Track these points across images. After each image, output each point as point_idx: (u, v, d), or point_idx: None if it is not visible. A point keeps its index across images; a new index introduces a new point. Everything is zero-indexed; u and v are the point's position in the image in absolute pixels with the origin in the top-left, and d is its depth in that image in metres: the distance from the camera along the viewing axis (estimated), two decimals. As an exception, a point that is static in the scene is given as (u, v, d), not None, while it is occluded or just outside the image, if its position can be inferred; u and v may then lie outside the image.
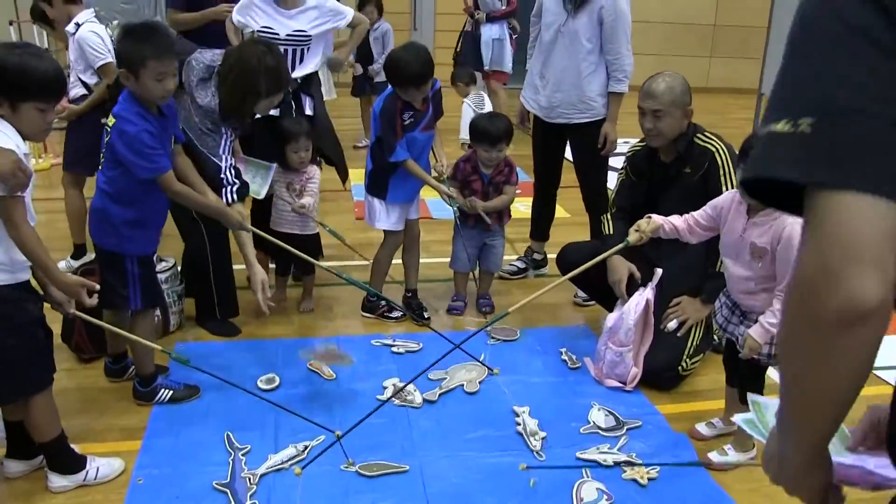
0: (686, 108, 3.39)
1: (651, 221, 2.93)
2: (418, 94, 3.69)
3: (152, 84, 2.83)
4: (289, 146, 3.86)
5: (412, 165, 3.76)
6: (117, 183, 2.96)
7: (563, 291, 4.39)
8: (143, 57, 2.79)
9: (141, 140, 2.85)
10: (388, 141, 3.71)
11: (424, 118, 3.77)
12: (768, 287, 2.65)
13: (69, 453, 2.75)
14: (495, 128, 3.91)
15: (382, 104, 3.75)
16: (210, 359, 3.59)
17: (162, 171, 2.93)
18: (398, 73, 3.63)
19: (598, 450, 2.97)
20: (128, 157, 2.88)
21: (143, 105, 2.89)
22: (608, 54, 4.09)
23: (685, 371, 3.44)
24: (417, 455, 2.94)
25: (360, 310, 4.16)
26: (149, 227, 3.09)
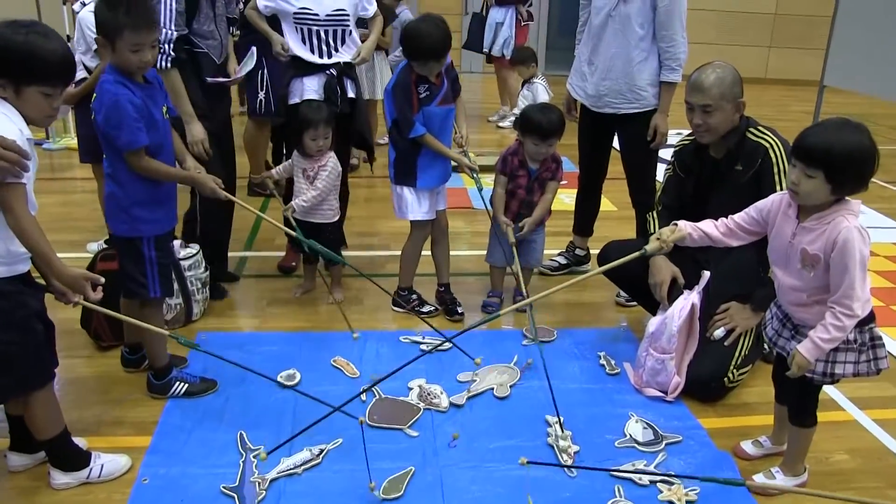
0: (737, 100, 3.15)
1: (676, 230, 2.64)
2: (437, 67, 3.53)
3: (128, 55, 2.68)
4: (307, 133, 3.72)
5: (431, 140, 3.59)
6: (119, 163, 2.82)
7: (604, 290, 4.20)
8: (119, 27, 2.64)
9: (118, 109, 2.70)
10: (405, 116, 3.55)
11: (440, 92, 3.60)
12: (822, 299, 2.40)
13: (72, 449, 2.62)
14: (548, 121, 3.71)
15: (395, 79, 3.60)
16: (231, 350, 3.46)
17: (136, 144, 2.74)
18: (418, 45, 3.46)
19: (634, 466, 2.76)
20: (105, 129, 2.75)
21: (124, 74, 2.74)
22: (661, 41, 3.84)
23: (732, 382, 3.21)
24: (439, 463, 2.76)
25: (390, 303, 3.98)
26: (162, 204, 2.95)
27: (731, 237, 2.63)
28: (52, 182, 6.10)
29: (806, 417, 2.60)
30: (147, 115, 2.76)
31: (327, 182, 3.80)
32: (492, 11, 8.23)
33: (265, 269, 4.43)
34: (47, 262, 2.35)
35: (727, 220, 2.63)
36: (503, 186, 3.85)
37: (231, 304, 4.02)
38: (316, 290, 4.13)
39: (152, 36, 2.71)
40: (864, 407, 3.24)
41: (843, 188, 2.29)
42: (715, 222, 2.65)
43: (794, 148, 2.31)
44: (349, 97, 3.98)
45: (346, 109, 3.93)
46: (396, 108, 3.57)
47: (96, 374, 3.32)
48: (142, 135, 2.74)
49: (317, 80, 3.88)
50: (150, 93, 2.81)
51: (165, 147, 2.90)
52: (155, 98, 2.84)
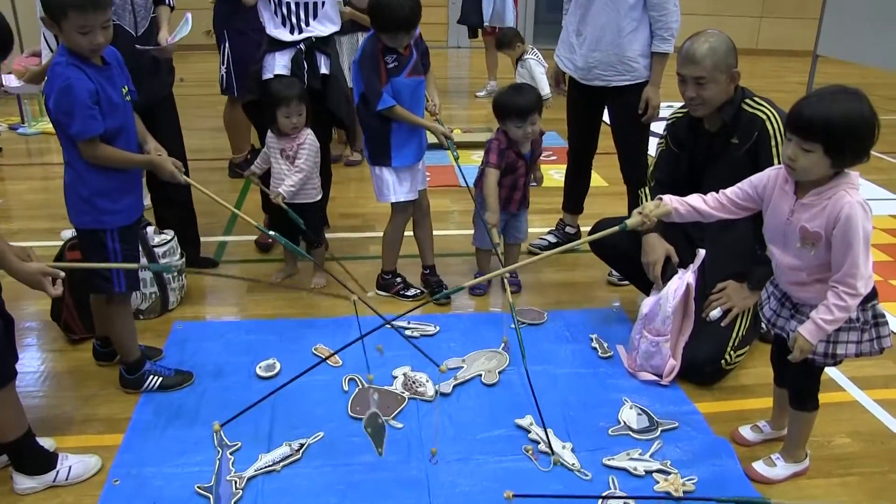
0: (732, 70, 3.00)
1: (660, 205, 2.49)
2: (407, 38, 3.38)
3: (76, 37, 2.47)
4: (280, 111, 3.53)
5: (400, 111, 3.42)
6: (75, 151, 2.63)
7: (596, 270, 4.07)
8: (62, 5, 2.42)
9: (70, 95, 2.50)
10: (373, 87, 3.38)
11: (409, 62, 3.45)
12: (823, 277, 2.26)
13: (37, 451, 2.47)
14: (524, 100, 3.56)
15: (362, 51, 3.44)
16: (209, 339, 3.37)
17: (88, 133, 2.55)
18: (387, 16, 3.29)
19: (629, 455, 2.63)
20: (55, 116, 2.56)
21: (76, 55, 2.54)
22: (652, 10, 3.69)
23: (729, 365, 3.08)
24: (425, 456, 2.63)
25: (374, 287, 3.85)
26: (125, 193, 2.76)
27: (722, 211, 2.48)
28: (28, 168, 5.93)
29: (807, 401, 2.48)
30: (105, 99, 2.57)
31: (309, 160, 3.64)
32: None
33: (246, 254, 4.28)
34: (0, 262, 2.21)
35: (718, 194, 2.49)
36: (496, 179, 3.68)
37: (209, 291, 3.88)
38: (297, 275, 3.99)
39: (102, 16, 2.47)
40: (865, 387, 3.12)
41: (843, 161, 2.15)
42: (704, 196, 2.50)
43: (790, 121, 2.17)
44: (322, 73, 3.82)
45: (316, 85, 3.77)
46: (364, 79, 3.41)
47: (67, 369, 3.18)
48: (95, 123, 2.55)
49: (288, 55, 3.75)
50: (107, 74, 2.61)
51: (126, 129, 2.71)
52: (113, 80, 2.64)
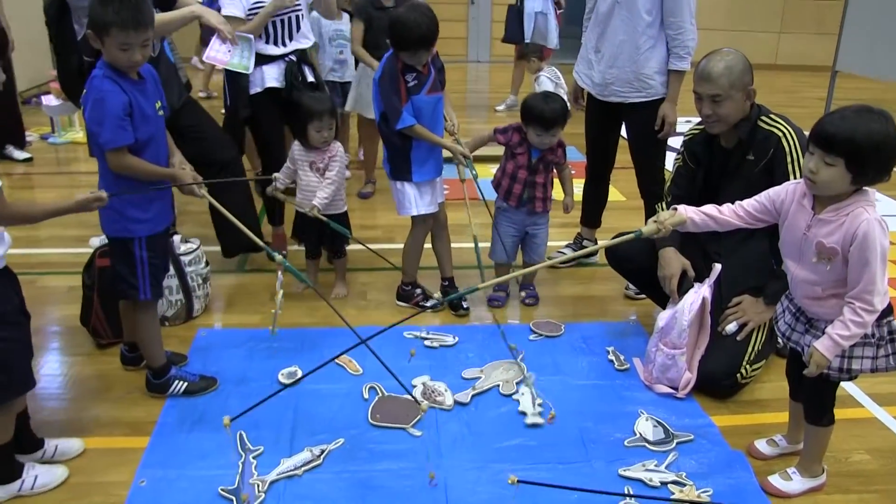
0: (748, 88, 3.05)
1: (675, 214, 2.53)
2: (425, 56, 3.45)
3: (116, 52, 2.60)
4: (311, 124, 3.64)
5: (420, 130, 3.49)
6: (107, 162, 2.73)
7: (613, 283, 4.12)
8: (106, 23, 2.55)
9: (102, 107, 2.62)
10: (393, 106, 3.45)
11: (428, 80, 3.52)
12: (838, 293, 2.30)
13: (9, 460, 2.51)
14: (550, 110, 3.62)
15: (382, 69, 3.50)
16: (232, 346, 3.43)
17: (116, 143, 2.65)
18: (405, 35, 3.37)
19: (644, 466, 2.67)
20: (90, 127, 2.67)
21: (115, 69, 2.66)
22: (669, 28, 3.74)
23: (745, 378, 3.12)
24: (443, 464, 2.68)
25: (394, 298, 3.91)
26: (152, 203, 2.84)
27: (738, 220, 2.52)
28: (57, 176, 6.04)
29: (822, 416, 2.51)
30: (138, 110, 2.67)
31: (340, 172, 3.74)
32: (528, 1, 8.02)
33: (267, 264, 4.35)
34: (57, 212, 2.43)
35: (734, 204, 2.53)
36: (488, 136, 3.84)
37: (232, 300, 3.95)
38: (319, 286, 4.05)
39: (143, 36, 2.60)
40: (883, 403, 3.14)
41: (864, 177, 2.18)
42: (719, 206, 2.55)
43: (814, 135, 2.21)
44: (310, 81, 4.03)
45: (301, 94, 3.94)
46: (384, 98, 3.48)
47: (95, 373, 3.26)
48: (124, 133, 2.65)
49: (276, 67, 3.96)
50: (141, 88, 2.72)
51: (156, 141, 2.80)
52: (147, 93, 2.75)
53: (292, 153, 3.77)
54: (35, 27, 8.90)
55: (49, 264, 4.29)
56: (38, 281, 4.03)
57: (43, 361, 3.34)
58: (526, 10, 8.01)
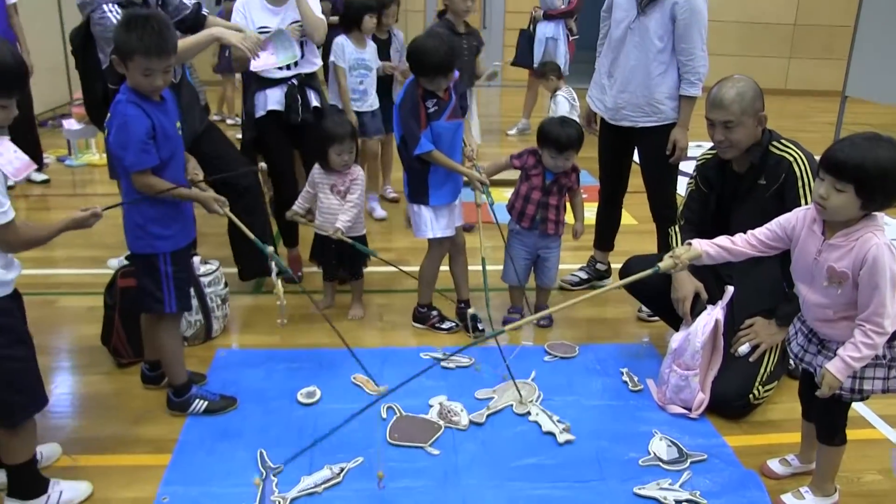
0: (759, 114, 3.11)
1: (690, 248, 2.60)
2: (445, 82, 3.52)
3: (139, 77, 2.69)
4: (332, 148, 3.72)
5: (438, 156, 3.55)
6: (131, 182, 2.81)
7: (626, 306, 4.16)
8: (131, 50, 2.64)
9: (126, 130, 2.70)
10: (412, 132, 3.52)
11: (448, 106, 3.58)
12: (849, 315, 2.35)
13: (34, 476, 2.56)
14: (566, 135, 3.70)
15: (403, 95, 3.58)
16: (250, 366, 3.47)
17: (140, 166, 2.74)
18: (425, 61, 3.44)
19: (659, 485, 2.71)
20: (114, 148, 2.76)
21: (139, 93, 2.74)
22: (681, 54, 3.81)
23: (757, 399, 3.16)
24: (461, 483, 2.72)
25: (410, 319, 3.97)
26: (176, 220, 2.92)
27: (751, 250, 2.58)
28: (73, 198, 6.11)
29: (835, 436, 2.55)
30: (161, 131, 2.76)
31: (361, 195, 3.83)
32: (540, 26, 8.13)
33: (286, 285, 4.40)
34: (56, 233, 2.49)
35: (746, 234, 2.59)
36: (505, 163, 3.92)
37: (250, 321, 4.01)
38: (335, 307, 4.11)
39: (165, 62, 2.70)
40: (895, 424, 3.18)
41: (873, 203, 2.24)
42: (732, 237, 2.60)
43: (824, 162, 2.27)
44: (314, 106, 4.12)
45: (309, 119, 4.07)
46: (403, 123, 3.55)
47: (115, 391, 3.31)
48: (147, 157, 2.73)
49: (279, 90, 4.08)
50: (163, 109, 2.81)
51: (176, 158, 2.89)
52: (169, 114, 2.84)
53: (312, 176, 3.84)
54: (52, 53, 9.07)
55: (67, 285, 4.36)
56: (57, 301, 4.10)
57: (63, 380, 3.40)
58: (537, 36, 8.11)
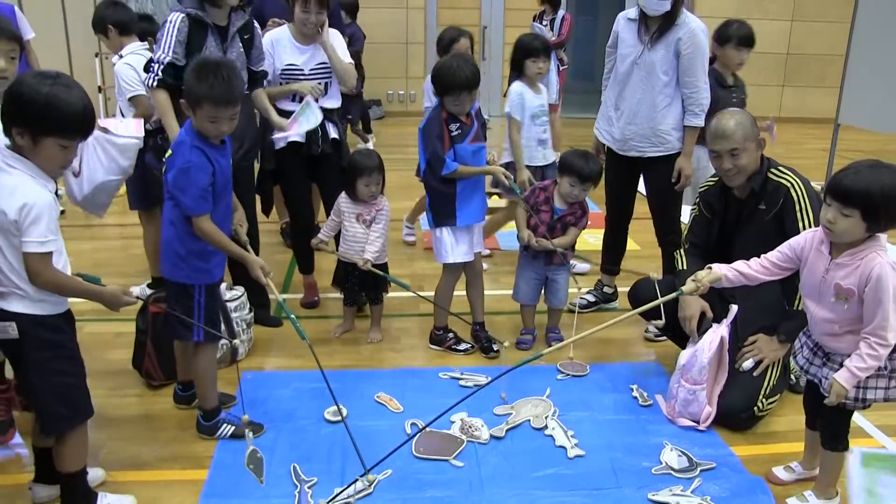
0: (758, 139, 3.33)
1: (711, 273, 2.79)
2: (468, 101, 3.68)
3: (206, 124, 2.85)
4: (360, 179, 3.87)
5: (463, 169, 3.72)
6: (181, 216, 2.96)
7: (633, 327, 4.33)
8: (199, 98, 2.81)
9: (187, 177, 2.86)
10: (437, 154, 3.69)
11: (471, 131, 3.75)
12: (854, 329, 2.54)
13: (86, 489, 2.71)
14: (589, 168, 3.87)
15: (427, 120, 3.76)
16: (276, 388, 3.61)
17: (198, 212, 2.90)
18: (450, 78, 3.62)
19: (671, 492, 2.88)
20: (174, 190, 2.91)
21: (202, 138, 2.90)
22: (685, 87, 4.02)
23: (761, 412, 3.33)
24: (486, 493, 2.88)
25: (427, 342, 4.13)
26: (214, 255, 3.08)
27: (766, 274, 2.77)
28: (89, 229, 6.25)
29: (839, 442, 2.72)
30: (220, 174, 2.94)
31: (387, 224, 3.99)
32: None
33: (301, 311, 4.58)
34: (93, 296, 2.58)
35: (760, 259, 2.77)
36: (526, 211, 4.01)
37: (273, 344, 4.15)
38: (355, 331, 4.27)
39: (232, 111, 2.85)
40: (892, 434, 3.35)
41: (878, 226, 2.43)
42: (748, 262, 2.79)
43: (831, 188, 2.45)
44: (332, 138, 4.23)
45: (328, 150, 4.18)
46: (428, 145, 3.72)
47: (149, 413, 3.46)
48: (205, 204, 2.90)
49: None
50: (223, 152, 2.98)
51: (226, 195, 3.04)
52: (227, 154, 3.02)
53: (338, 205, 4.01)
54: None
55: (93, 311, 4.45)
56: (84, 327, 4.23)
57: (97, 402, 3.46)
58: None
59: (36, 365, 2.46)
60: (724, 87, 4.53)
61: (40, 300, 2.42)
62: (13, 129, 2.33)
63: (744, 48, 4.54)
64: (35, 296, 2.41)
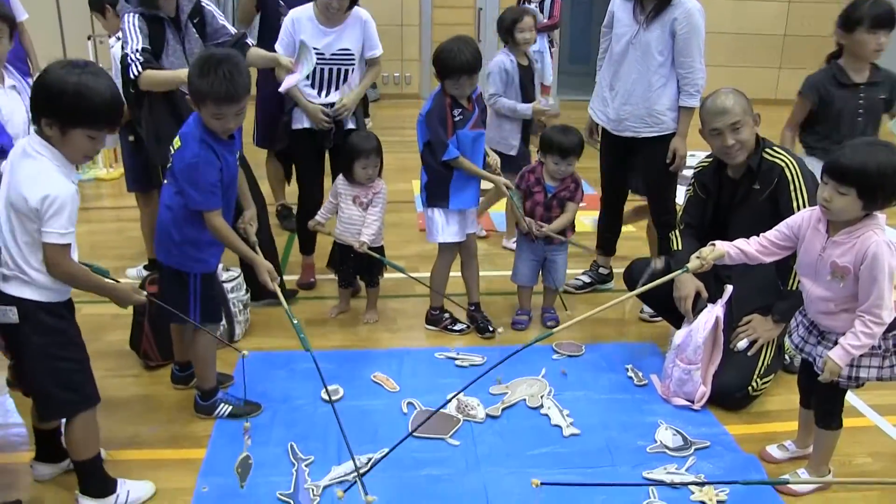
0: (754, 114, 3.33)
1: (714, 249, 2.80)
2: (469, 85, 3.68)
3: (211, 120, 2.83)
4: (357, 162, 3.86)
5: (464, 162, 3.74)
6: (179, 203, 2.95)
7: (628, 307, 4.34)
8: (203, 94, 2.78)
9: (196, 172, 2.85)
10: (440, 139, 3.70)
11: (472, 116, 3.76)
12: (849, 308, 2.56)
13: (102, 475, 2.72)
14: (568, 140, 3.88)
15: (431, 104, 3.75)
16: (273, 368, 3.62)
17: (207, 207, 2.90)
18: (450, 61, 3.61)
19: (666, 470, 2.90)
20: (182, 184, 2.90)
21: (209, 131, 2.88)
22: (680, 67, 4.00)
23: (755, 391, 3.35)
24: (482, 471, 2.91)
25: (423, 322, 4.15)
26: (211, 246, 3.07)
27: (764, 254, 2.78)
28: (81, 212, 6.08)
29: (832, 420, 2.75)
30: (227, 170, 2.93)
31: (384, 208, 3.98)
32: None
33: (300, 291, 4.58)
34: (107, 292, 2.62)
35: (759, 238, 2.79)
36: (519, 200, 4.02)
37: (270, 325, 4.16)
38: (351, 312, 4.29)
39: (236, 107, 2.82)
40: (884, 413, 3.38)
41: (874, 204, 2.44)
42: (747, 241, 2.80)
43: (828, 167, 2.46)
44: (348, 128, 4.19)
45: (339, 142, 4.12)
46: (431, 131, 3.72)
47: (146, 393, 3.48)
48: (214, 199, 2.89)
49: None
50: (230, 148, 2.97)
51: (232, 187, 3.05)
52: (234, 150, 3.00)
53: (336, 187, 4.00)
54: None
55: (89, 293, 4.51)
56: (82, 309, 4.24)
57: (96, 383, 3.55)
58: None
59: (36, 350, 2.47)
60: (846, 87, 3.84)
61: (43, 287, 2.43)
62: (42, 119, 2.34)
63: (881, 30, 3.70)
64: (38, 282, 2.41)
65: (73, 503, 2.70)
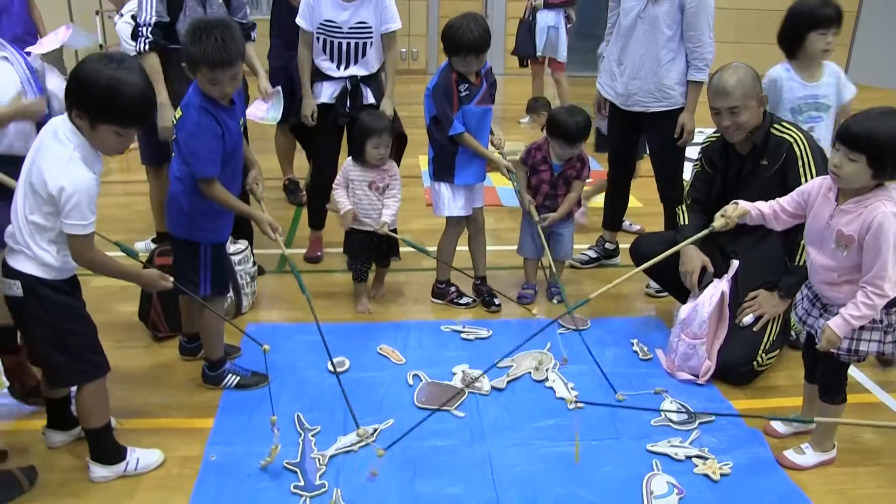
0: (759, 95, 3.31)
1: (738, 207, 2.80)
2: (476, 63, 3.66)
3: (208, 86, 2.83)
4: (369, 141, 3.74)
5: (468, 138, 3.73)
6: (188, 173, 2.96)
7: (634, 282, 4.35)
8: (196, 60, 2.78)
9: (197, 139, 2.86)
10: (446, 114, 3.69)
11: (479, 91, 3.75)
12: (852, 279, 2.55)
13: (112, 443, 2.75)
14: (575, 124, 3.86)
15: (437, 79, 3.73)
16: (280, 340, 3.63)
17: (207, 174, 2.91)
18: (458, 39, 3.59)
19: (670, 443, 2.92)
20: (185, 153, 2.92)
21: (209, 98, 2.88)
22: (689, 42, 3.98)
23: (760, 366, 3.36)
24: (486, 442, 2.93)
25: (429, 296, 4.16)
26: (221, 215, 3.09)
27: (776, 221, 2.79)
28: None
29: (836, 395, 2.76)
30: (228, 136, 2.93)
31: (401, 189, 3.91)
32: (540, 15, 8.24)
33: (305, 266, 4.61)
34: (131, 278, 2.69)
35: (774, 202, 2.79)
36: (525, 173, 4.04)
37: (277, 298, 4.20)
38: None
39: (230, 71, 2.80)
40: (889, 390, 3.39)
41: (884, 172, 2.43)
42: (766, 204, 2.80)
43: (840, 133, 2.46)
44: (368, 103, 4.17)
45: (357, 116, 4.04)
46: (437, 106, 3.72)
47: (155, 363, 3.51)
48: (214, 167, 2.90)
49: (334, 86, 4.15)
50: (231, 113, 2.96)
51: (236, 155, 3.05)
52: (235, 115, 3.00)
53: (345, 174, 3.87)
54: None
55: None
56: (91, 281, 4.27)
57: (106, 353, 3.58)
58: (539, 25, 8.25)
59: (42, 323, 2.50)
60: None
61: (45, 264, 2.44)
62: (74, 110, 2.36)
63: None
64: (42, 259, 2.43)
65: (85, 470, 2.73)
